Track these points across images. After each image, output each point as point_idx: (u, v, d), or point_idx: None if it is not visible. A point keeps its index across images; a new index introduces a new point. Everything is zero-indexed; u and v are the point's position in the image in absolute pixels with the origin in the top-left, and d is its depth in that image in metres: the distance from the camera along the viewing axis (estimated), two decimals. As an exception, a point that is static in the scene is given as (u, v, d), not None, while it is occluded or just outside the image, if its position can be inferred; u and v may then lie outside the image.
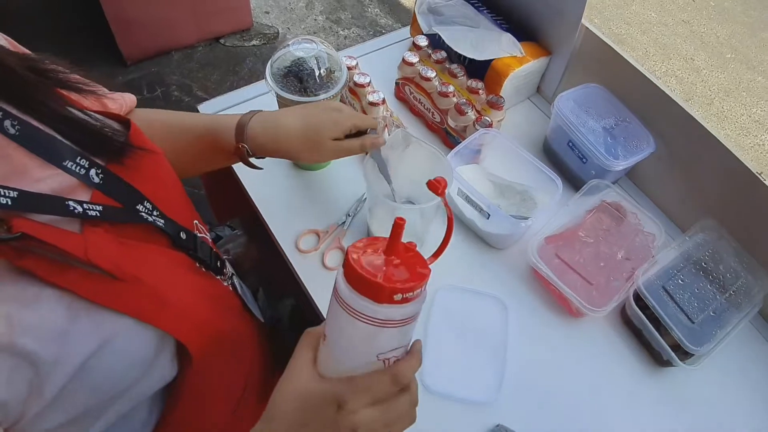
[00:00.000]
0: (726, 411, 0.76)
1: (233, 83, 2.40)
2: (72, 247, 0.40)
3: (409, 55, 0.97)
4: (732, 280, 0.80)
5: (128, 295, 0.44)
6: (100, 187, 0.46)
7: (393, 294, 0.39)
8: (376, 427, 0.42)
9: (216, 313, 0.58)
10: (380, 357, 0.42)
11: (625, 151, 0.86)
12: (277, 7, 2.76)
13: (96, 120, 0.51)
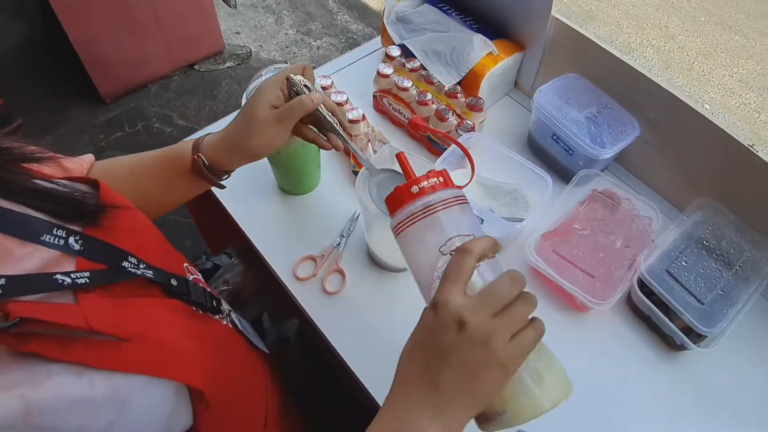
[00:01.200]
0: (747, 390, 0.75)
1: (212, 107, 2.39)
2: (72, 319, 0.40)
3: (383, 67, 0.96)
4: (736, 255, 0.79)
5: (136, 354, 0.44)
6: (82, 254, 0.46)
7: (409, 189, 0.48)
8: (503, 333, 0.42)
9: (221, 353, 0.58)
10: (442, 249, 0.47)
11: (611, 138, 0.86)
12: (246, 27, 2.74)
13: (64, 186, 0.51)
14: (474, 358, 0.42)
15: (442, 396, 0.43)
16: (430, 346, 0.44)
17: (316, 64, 2.64)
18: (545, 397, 0.44)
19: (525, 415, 0.43)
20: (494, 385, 0.42)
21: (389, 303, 0.81)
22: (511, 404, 0.44)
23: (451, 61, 0.94)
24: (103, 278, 0.46)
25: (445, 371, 0.43)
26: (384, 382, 0.72)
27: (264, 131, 0.63)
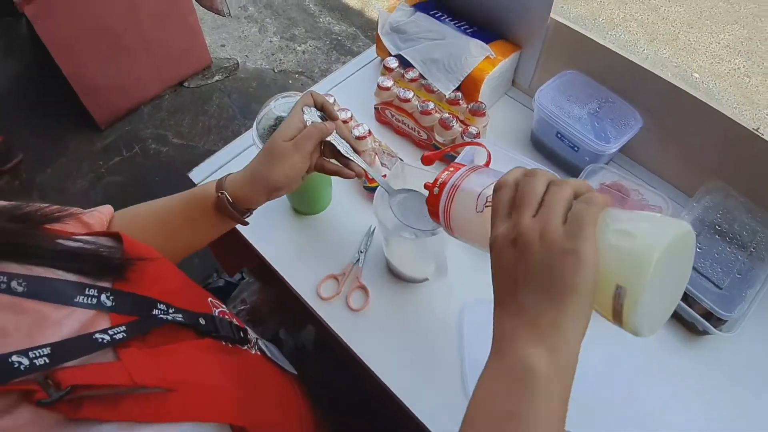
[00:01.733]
0: None
1: (205, 122, 2.40)
2: (118, 378, 0.41)
3: (383, 80, 0.97)
4: (750, 237, 0.81)
5: (181, 403, 0.45)
6: (114, 309, 0.47)
7: (432, 188, 0.56)
8: (551, 221, 0.40)
9: (255, 384, 0.59)
10: (478, 202, 0.50)
11: (614, 132, 0.87)
12: (231, 38, 2.74)
13: (88, 243, 0.51)
14: (537, 261, 0.40)
15: (528, 314, 0.41)
16: (501, 280, 0.44)
17: (303, 68, 2.65)
18: (645, 247, 0.38)
19: (637, 279, 0.37)
20: (573, 275, 0.38)
21: (413, 313, 0.82)
22: (618, 277, 0.38)
23: (449, 68, 0.95)
24: (137, 329, 0.47)
25: (520, 290, 0.41)
26: (417, 389, 0.74)
27: (284, 161, 0.65)
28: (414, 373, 0.77)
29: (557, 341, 0.39)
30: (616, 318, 0.40)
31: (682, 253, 0.41)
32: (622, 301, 0.38)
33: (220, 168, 0.99)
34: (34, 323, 0.42)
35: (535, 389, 0.38)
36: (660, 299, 0.40)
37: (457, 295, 0.83)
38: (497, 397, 0.40)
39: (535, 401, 0.38)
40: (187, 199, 0.70)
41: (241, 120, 2.42)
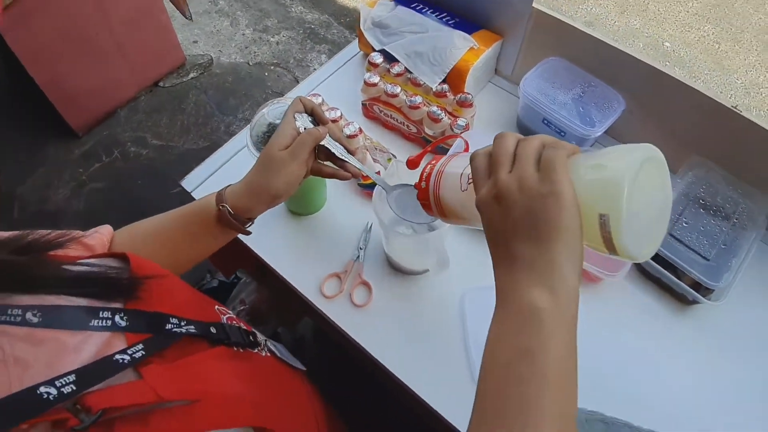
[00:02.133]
0: (763, 333, 0.82)
1: (183, 121, 2.37)
2: (144, 396, 0.42)
3: (369, 76, 0.97)
4: (732, 208, 0.85)
5: (206, 412, 0.46)
6: (129, 329, 0.48)
7: (420, 183, 0.59)
8: (525, 171, 0.42)
9: (270, 385, 0.61)
10: (462, 181, 0.53)
11: (599, 115, 0.90)
12: (203, 34, 2.69)
13: (95, 266, 0.52)
14: (520, 210, 0.42)
15: (524, 260, 0.42)
16: (493, 237, 0.46)
17: (278, 60, 2.62)
18: (616, 171, 0.40)
19: (614, 203, 0.39)
20: (556, 215, 0.40)
21: (416, 304, 0.85)
22: (599, 207, 0.40)
23: (434, 61, 0.96)
24: (155, 346, 0.48)
25: (511, 241, 0.43)
26: (426, 378, 0.77)
27: (281, 170, 0.65)
28: (422, 362, 0.80)
29: (555, 280, 0.41)
30: (609, 247, 0.41)
31: (654, 174, 0.43)
32: (608, 228, 0.40)
33: (212, 174, 1.00)
34: (53, 352, 0.42)
35: (543, 325, 0.40)
36: (646, 221, 0.42)
37: (458, 283, 0.86)
38: (508, 339, 0.42)
39: (544, 336, 0.40)
40: (187, 214, 0.70)
41: (220, 116, 2.40)
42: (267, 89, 2.52)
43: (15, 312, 0.43)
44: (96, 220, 0.67)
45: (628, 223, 0.39)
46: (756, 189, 0.85)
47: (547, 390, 0.38)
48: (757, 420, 0.75)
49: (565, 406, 0.38)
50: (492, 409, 0.40)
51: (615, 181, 0.39)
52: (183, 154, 2.24)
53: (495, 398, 0.40)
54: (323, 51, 2.69)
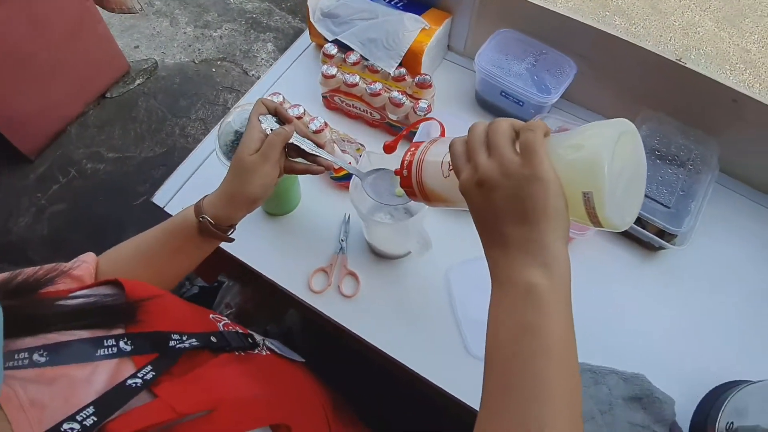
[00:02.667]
0: (727, 266, 0.89)
1: (136, 130, 2.31)
2: (164, 415, 0.44)
3: (326, 68, 0.98)
4: (686, 155, 0.89)
5: (226, 419, 0.48)
6: (134, 352, 0.49)
7: (401, 171, 0.60)
8: (505, 156, 0.44)
9: (276, 382, 0.63)
10: (443, 168, 0.55)
11: (554, 82, 0.93)
12: (143, 38, 2.60)
13: (89, 297, 0.53)
14: (506, 194, 0.44)
15: (515, 241, 0.44)
16: (481, 220, 0.48)
17: (224, 54, 2.57)
18: (595, 149, 0.42)
19: (595, 181, 0.42)
20: (543, 197, 0.42)
21: (403, 287, 0.88)
22: (581, 185, 0.43)
23: (388, 46, 0.97)
24: (163, 365, 0.50)
25: (500, 223, 0.45)
26: (422, 355, 0.80)
27: (255, 174, 0.66)
28: (416, 340, 0.83)
29: (547, 257, 0.42)
30: (593, 221, 0.44)
31: (628, 146, 0.45)
32: (592, 204, 0.42)
33: (181, 186, 0.99)
34: (66, 388, 0.43)
35: (542, 301, 0.42)
36: (626, 192, 0.45)
37: (440, 260, 0.88)
38: (509, 318, 0.43)
39: (544, 312, 0.41)
40: (168, 230, 0.70)
41: (173, 119, 2.35)
42: (217, 85, 2.47)
43: (22, 356, 0.43)
44: (62, 243, 0.66)
45: (610, 199, 0.42)
46: (705, 134, 0.90)
47: (552, 363, 0.40)
48: (727, 348, 0.82)
49: (570, 378, 0.41)
50: (501, 387, 0.42)
51: (595, 160, 0.41)
52: (141, 164, 2.19)
53: (503, 376, 0.42)
54: (268, 39, 2.64)
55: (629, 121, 0.44)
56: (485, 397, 0.43)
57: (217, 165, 0.85)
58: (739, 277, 0.88)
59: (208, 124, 2.34)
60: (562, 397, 0.39)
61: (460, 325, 0.84)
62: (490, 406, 0.42)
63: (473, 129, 0.48)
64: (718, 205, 0.92)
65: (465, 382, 0.78)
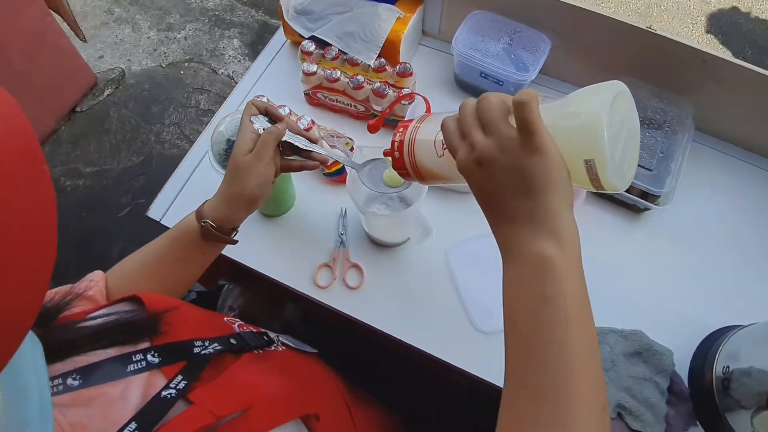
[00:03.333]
0: (712, 221, 0.93)
1: (111, 141, 2.28)
2: (204, 419, 0.45)
3: (306, 66, 0.98)
4: (663, 117, 0.93)
5: (261, 416, 0.50)
6: (163, 363, 0.50)
7: (393, 153, 0.59)
8: (501, 130, 0.44)
9: (296, 375, 0.66)
10: (437, 148, 0.55)
11: (530, 59, 0.95)
12: (107, 47, 2.55)
13: (110, 315, 0.54)
14: (508, 169, 0.44)
15: (523, 215, 0.44)
16: (484, 197, 0.48)
17: (191, 55, 2.53)
18: (592, 117, 0.42)
19: (598, 146, 0.42)
20: (545, 169, 0.42)
21: (406, 272, 0.90)
22: (582, 153, 0.43)
23: (366, 38, 0.98)
24: (192, 372, 0.51)
25: (505, 199, 0.45)
26: (432, 335, 0.83)
27: (251, 173, 0.67)
28: (424, 322, 0.86)
29: (556, 226, 0.43)
30: (596, 185, 0.45)
31: (621, 106, 0.45)
32: (595, 171, 0.43)
33: (176, 198, 0.99)
34: (104, 407, 0.45)
35: (556, 271, 0.42)
36: (624, 151, 0.45)
37: (438, 242, 0.91)
38: (525, 291, 0.44)
39: (559, 281, 0.42)
40: (171, 239, 0.72)
41: (147, 127, 2.32)
42: (187, 87, 2.44)
43: (57, 382, 0.45)
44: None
45: (611, 163, 0.43)
46: (679, 95, 0.94)
47: (572, 331, 0.41)
48: (716, 297, 0.87)
49: (591, 345, 0.42)
50: (523, 360, 0.43)
51: (593, 126, 0.42)
52: (120, 175, 2.17)
53: (524, 349, 0.43)
54: (233, 35, 2.61)
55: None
56: (509, 369, 0.44)
57: (209, 172, 0.86)
58: (721, 229, 0.93)
59: (183, 128, 2.32)
60: (584, 361, 0.40)
61: (464, 303, 0.87)
62: (514, 378, 0.43)
63: (464, 106, 0.48)
64: (697, 163, 0.96)
65: (474, 357, 0.82)
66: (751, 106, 0.93)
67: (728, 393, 0.72)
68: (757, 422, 0.67)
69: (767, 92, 0.88)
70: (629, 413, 0.76)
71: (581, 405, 0.39)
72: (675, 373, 0.80)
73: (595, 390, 0.40)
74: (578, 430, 0.38)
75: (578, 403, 0.39)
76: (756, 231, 0.93)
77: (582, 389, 0.39)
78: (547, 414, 0.39)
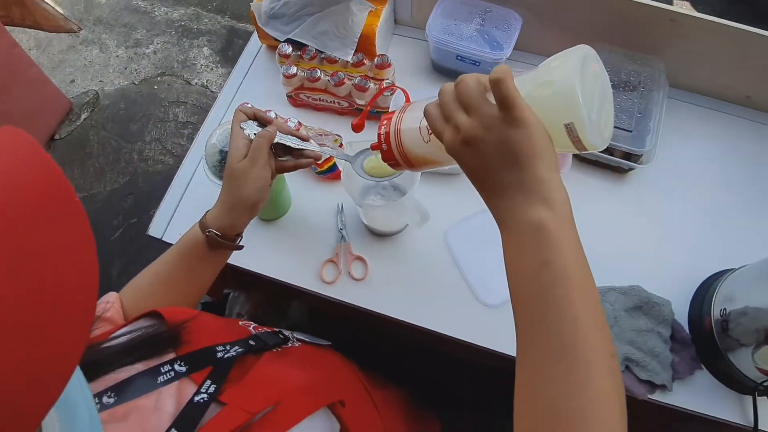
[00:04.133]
0: (694, 173, 0.97)
1: (95, 164, 2.27)
2: (240, 418, 0.48)
3: (285, 69, 1.00)
4: (637, 79, 0.96)
5: (291, 408, 0.53)
6: (190, 371, 0.53)
7: (381, 146, 0.60)
8: (481, 108, 0.47)
9: (314, 366, 0.69)
10: (422, 134, 0.56)
11: (504, 37, 0.98)
12: (76, 70, 2.52)
13: (132, 333, 0.56)
14: (494, 145, 0.46)
15: (512, 185, 0.47)
16: (475, 175, 0.50)
17: (163, 69, 2.51)
18: (565, 82, 0.45)
19: (575, 109, 0.45)
20: (528, 141, 0.45)
21: (409, 257, 0.93)
22: (561, 118, 0.46)
23: (340, 35, 1.00)
24: (220, 375, 0.54)
25: (494, 173, 0.48)
26: (440, 314, 0.86)
27: (247, 179, 0.69)
28: (431, 303, 0.89)
29: (546, 190, 0.45)
30: (578, 147, 0.47)
31: (592, 69, 0.47)
32: (576, 133, 0.46)
33: (174, 213, 1.01)
34: (141, 419, 0.47)
35: (551, 235, 0.44)
36: (600, 110, 0.48)
37: (437, 225, 0.93)
38: (524, 257, 0.46)
39: (556, 245, 0.44)
40: (179, 253, 0.73)
41: (128, 146, 2.31)
42: (162, 102, 2.43)
43: (94, 401, 0.47)
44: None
45: (590, 123, 0.45)
46: (650, 55, 0.97)
47: (573, 287, 0.43)
48: (707, 244, 0.91)
49: (592, 298, 0.44)
50: (529, 320, 0.45)
51: (567, 91, 0.44)
52: (109, 197, 2.16)
53: (529, 310, 0.46)
54: (203, 44, 2.60)
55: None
56: (519, 329, 0.46)
57: (203, 184, 0.88)
58: (704, 179, 0.97)
59: (165, 143, 2.32)
60: (587, 312, 0.43)
61: (467, 280, 0.90)
62: (525, 337, 0.46)
63: (443, 91, 0.50)
64: (674, 118, 0.99)
65: (483, 330, 0.86)
66: (720, 57, 0.96)
67: (728, 334, 0.76)
68: (758, 357, 0.71)
69: (734, 42, 0.92)
70: (636, 365, 0.79)
71: (589, 351, 0.41)
72: (675, 322, 0.84)
73: (601, 338, 0.42)
74: (589, 372, 0.40)
75: (587, 350, 0.41)
76: (737, 176, 0.97)
77: (588, 338, 0.42)
78: (558, 363, 0.42)
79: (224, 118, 1.08)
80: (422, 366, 1.32)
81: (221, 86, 2.37)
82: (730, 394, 0.80)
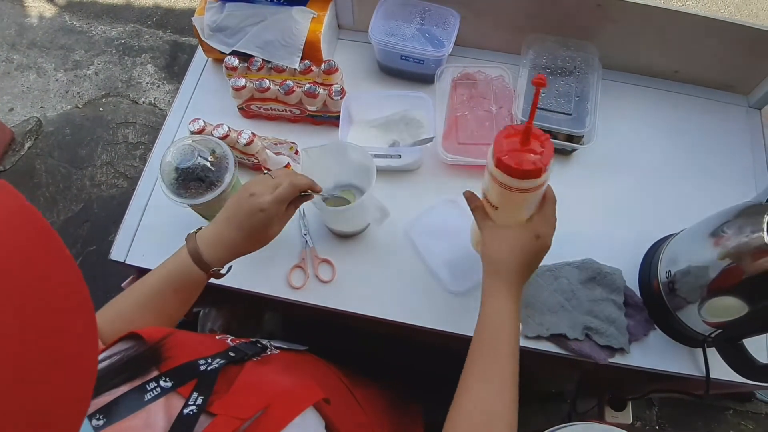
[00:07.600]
0: (633, 148, 1.03)
1: (44, 193, 2.20)
2: (231, 425, 0.49)
3: (234, 81, 1.00)
4: (572, 64, 1.02)
5: (281, 410, 0.54)
6: (176, 386, 0.54)
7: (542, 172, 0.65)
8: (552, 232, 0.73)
9: (296, 371, 0.71)
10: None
11: (444, 34, 1.01)
12: (14, 98, 2.43)
13: (113, 356, 0.57)
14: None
15: (518, 285, 0.71)
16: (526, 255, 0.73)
17: (106, 89, 2.45)
18: None
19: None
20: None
21: (373, 255, 0.96)
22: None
23: (285, 43, 1.01)
24: (206, 387, 0.55)
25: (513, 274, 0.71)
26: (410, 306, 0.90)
27: (274, 235, 0.79)
28: (400, 298, 0.92)
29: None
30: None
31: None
32: None
33: (134, 235, 1.00)
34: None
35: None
36: None
37: (397, 222, 0.96)
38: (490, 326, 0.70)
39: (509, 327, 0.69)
40: (167, 278, 0.74)
41: (78, 172, 2.25)
42: (110, 124, 2.37)
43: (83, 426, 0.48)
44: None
45: None
46: (583, 41, 1.02)
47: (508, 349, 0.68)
48: (650, 213, 0.97)
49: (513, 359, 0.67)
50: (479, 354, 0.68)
51: None
52: (63, 226, 2.10)
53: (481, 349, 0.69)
54: (146, 61, 2.55)
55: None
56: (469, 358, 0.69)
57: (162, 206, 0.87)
58: (643, 152, 1.03)
59: (116, 166, 2.27)
60: (510, 365, 0.67)
61: (432, 270, 0.93)
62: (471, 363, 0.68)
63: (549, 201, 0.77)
64: (610, 98, 1.05)
65: (450, 317, 0.89)
66: (647, 37, 1.02)
67: (675, 293, 0.82)
68: (704, 312, 0.77)
69: (658, 21, 0.98)
70: (595, 332, 0.85)
71: (505, 369, 0.66)
72: (627, 288, 0.90)
73: (513, 375, 0.66)
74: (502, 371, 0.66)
75: (503, 368, 0.66)
76: (672, 147, 1.04)
77: (506, 368, 0.66)
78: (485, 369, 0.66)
79: (176, 135, 1.08)
80: (401, 360, 1.35)
81: (170, 103, 2.34)
82: (683, 349, 0.86)
